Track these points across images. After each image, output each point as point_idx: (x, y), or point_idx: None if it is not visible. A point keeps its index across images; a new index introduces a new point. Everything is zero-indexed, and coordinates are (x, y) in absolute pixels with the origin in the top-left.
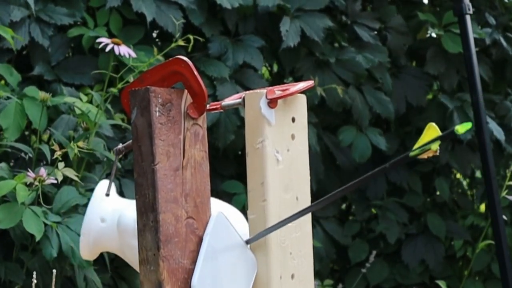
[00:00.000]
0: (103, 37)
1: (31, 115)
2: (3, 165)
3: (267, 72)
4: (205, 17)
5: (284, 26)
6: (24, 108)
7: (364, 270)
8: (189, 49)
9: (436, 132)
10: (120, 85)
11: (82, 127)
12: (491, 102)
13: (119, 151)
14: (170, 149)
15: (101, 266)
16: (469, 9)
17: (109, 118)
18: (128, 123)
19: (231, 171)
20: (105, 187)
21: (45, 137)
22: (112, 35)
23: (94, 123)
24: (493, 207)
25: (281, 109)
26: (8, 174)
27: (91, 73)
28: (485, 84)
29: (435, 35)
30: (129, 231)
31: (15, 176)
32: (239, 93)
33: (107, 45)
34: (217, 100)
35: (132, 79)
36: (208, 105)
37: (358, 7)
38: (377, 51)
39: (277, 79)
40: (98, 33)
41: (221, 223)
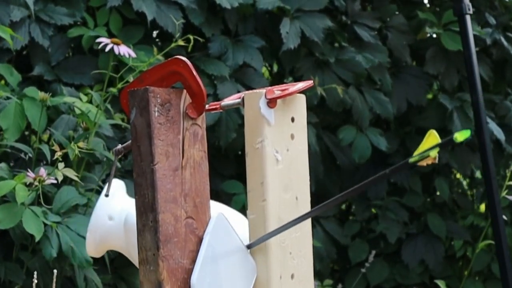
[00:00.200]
0: (103, 37)
1: (31, 116)
2: (3, 165)
3: (267, 72)
4: (205, 17)
5: (284, 27)
6: (24, 108)
7: (363, 270)
8: (189, 49)
9: (436, 139)
10: (120, 85)
11: (82, 127)
12: (491, 102)
13: (118, 152)
14: (169, 149)
15: (101, 266)
16: (469, 9)
17: (109, 118)
18: (128, 122)
19: (231, 170)
20: (115, 185)
21: (45, 137)
22: (112, 35)
23: (93, 123)
24: (493, 207)
25: (280, 109)
26: (8, 174)
27: (91, 73)
28: (485, 84)
29: (434, 34)
30: (135, 230)
31: (15, 176)
32: (238, 93)
33: (106, 45)
34: (218, 99)
35: (132, 79)
36: (207, 105)
37: (357, 7)
38: (377, 51)
39: (277, 79)
40: (98, 33)
41: (221, 224)
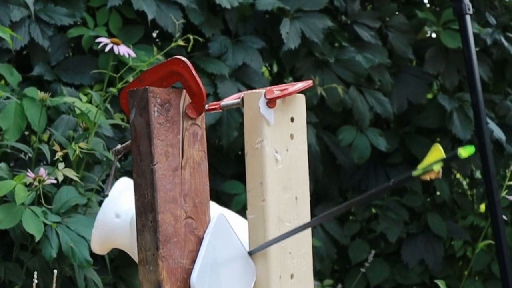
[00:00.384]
0: (102, 37)
1: (31, 116)
2: (2, 165)
3: (267, 72)
4: (205, 17)
5: (284, 28)
6: (24, 109)
7: (363, 269)
8: (189, 48)
9: (440, 153)
10: (119, 85)
11: (81, 127)
12: (491, 102)
13: (118, 152)
14: (168, 149)
15: (101, 266)
16: (469, 9)
17: (109, 118)
18: (127, 122)
19: (232, 170)
20: (124, 184)
21: (45, 137)
22: (112, 35)
23: (93, 123)
24: (493, 207)
25: (280, 109)
26: (7, 174)
27: (91, 73)
28: (485, 84)
29: (434, 34)
30: None
31: (15, 176)
32: (238, 93)
33: (106, 45)
34: (218, 98)
35: (131, 79)
36: (207, 105)
37: (357, 7)
38: (377, 51)
39: (277, 79)
40: (98, 33)
41: (222, 225)
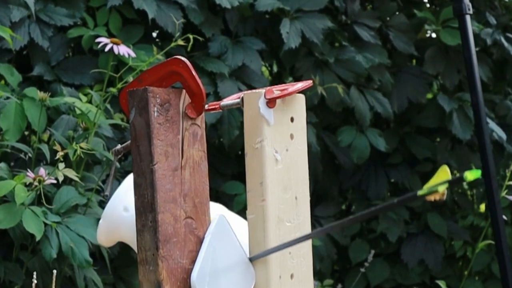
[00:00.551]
0: (102, 36)
1: (31, 117)
2: (2, 165)
3: (267, 71)
4: (205, 17)
5: (284, 28)
6: (24, 109)
7: (363, 269)
8: (189, 48)
9: (447, 175)
10: (119, 85)
11: (81, 127)
12: (491, 102)
13: (117, 152)
14: (168, 149)
15: (101, 266)
16: (469, 9)
17: (109, 118)
18: (127, 122)
19: (232, 170)
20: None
21: (45, 137)
22: (112, 35)
23: (93, 123)
24: (493, 207)
25: (280, 109)
26: (7, 174)
27: (90, 72)
28: (485, 84)
29: (434, 34)
30: None
31: (15, 176)
32: (238, 93)
33: (106, 44)
34: (219, 97)
35: (131, 79)
36: (206, 105)
37: (357, 7)
38: (377, 51)
39: (277, 79)
40: (98, 33)
41: (222, 226)
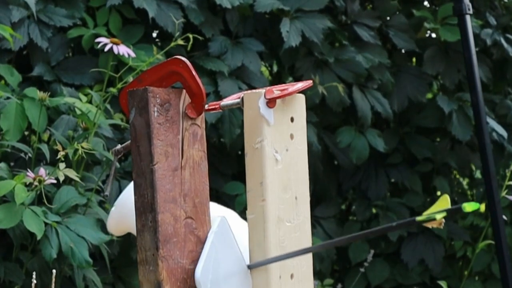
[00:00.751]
0: (102, 36)
1: (31, 117)
2: (2, 165)
3: (267, 71)
4: (205, 17)
5: (284, 27)
6: (24, 109)
7: (362, 269)
8: (189, 48)
9: (447, 204)
10: (119, 85)
11: (81, 127)
12: (491, 102)
13: (117, 152)
14: (168, 149)
15: (101, 266)
16: (469, 9)
17: (109, 118)
18: (127, 123)
19: (233, 170)
20: None
21: (45, 137)
22: (112, 35)
23: (93, 123)
24: (493, 207)
25: (280, 109)
26: (7, 174)
27: (90, 72)
28: (484, 84)
29: (434, 34)
30: None
31: (15, 176)
32: (238, 93)
33: (106, 44)
34: (219, 96)
35: (131, 79)
36: (206, 105)
37: (357, 7)
38: (377, 51)
39: (277, 79)
40: (98, 33)
41: (224, 228)
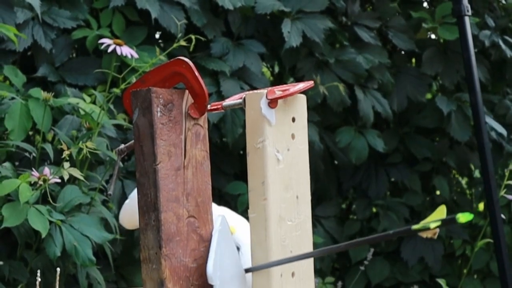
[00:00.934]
0: (106, 37)
1: (36, 117)
2: (7, 164)
3: (268, 72)
4: (207, 19)
5: (285, 27)
6: (29, 109)
7: (362, 268)
8: (191, 49)
9: (443, 215)
10: (123, 85)
11: (85, 127)
12: (490, 102)
13: (121, 151)
14: (171, 149)
15: (104, 265)
16: (468, 11)
17: (112, 118)
18: (130, 123)
19: (235, 169)
20: None
21: (49, 136)
22: (115, 36)
23: (97, 123)
24: (491, 206)
25: (281, 109)
26: (12, 173)
27: (94, 73)
28: (483, 85)
29: (433, 35)
30: None
31: (20, 175)
32: (240, 93)
33: (109, 45)
34: (221, 96)
35: (134, 79)
36: (209, 106)
37: (357, 8)
38: (377, 52)
39: (278, 80)
40: (101, 34)
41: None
